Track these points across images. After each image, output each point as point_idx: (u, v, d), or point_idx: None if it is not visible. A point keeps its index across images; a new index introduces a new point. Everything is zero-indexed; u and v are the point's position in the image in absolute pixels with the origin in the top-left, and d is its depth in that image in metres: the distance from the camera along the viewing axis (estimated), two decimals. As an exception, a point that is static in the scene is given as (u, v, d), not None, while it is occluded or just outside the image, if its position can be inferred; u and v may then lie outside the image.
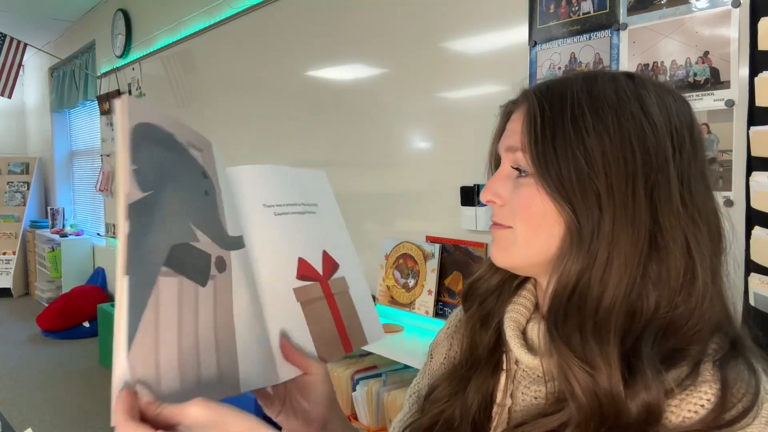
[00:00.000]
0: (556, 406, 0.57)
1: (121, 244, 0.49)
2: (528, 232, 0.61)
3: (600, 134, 0.56)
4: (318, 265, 0.75)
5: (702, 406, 0.52)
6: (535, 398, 0.63)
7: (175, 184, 0.56)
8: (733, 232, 0.62)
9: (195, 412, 0.48)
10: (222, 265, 0.59)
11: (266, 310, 0.66)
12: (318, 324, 0.72)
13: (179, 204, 0.55)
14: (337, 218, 0.82)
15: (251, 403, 2.55)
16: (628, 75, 0.61)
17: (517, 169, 0.62)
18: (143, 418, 0.48)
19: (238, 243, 0.64)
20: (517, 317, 0.66)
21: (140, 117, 0.54)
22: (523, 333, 0.66)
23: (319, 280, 0.74)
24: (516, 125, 0.62)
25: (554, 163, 0.57)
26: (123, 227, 0.50)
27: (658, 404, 0.52)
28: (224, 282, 0.59)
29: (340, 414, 0.72)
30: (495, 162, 0.69)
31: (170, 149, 0.56)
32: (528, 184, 0.60)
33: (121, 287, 0.48)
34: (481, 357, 0.68)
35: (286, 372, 0.66)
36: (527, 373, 0.65)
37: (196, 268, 0.55)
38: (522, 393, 0.65)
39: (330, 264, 0.76)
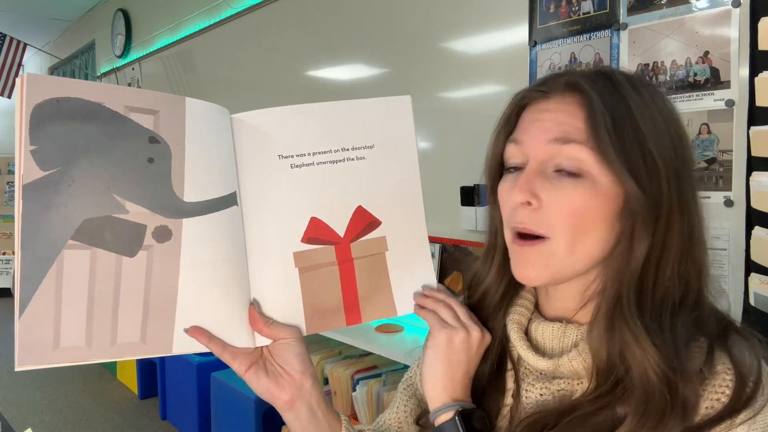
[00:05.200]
0: (599, 401, 0.57)
1: (17, 222, 0.53)
2: (572, 240, 0.57)
3: (650, 126, 0.57)
4: (341, 225, 0.68)
5: (723, 393, 0.53)
6: (541, 395, 0.63)
7: (98, 157, 0.56)
8: (732, 233, 0.64)
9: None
10: (164, 234, 0.59)
11: (253, 275, 0.65)
12: (316, 293, 0.68)
13: (100, 176, 0.56)
14: (403, 159, 0.72)
15: (252, 403, 2.55)
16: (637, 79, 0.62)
17: (560, 169, 0.57)
18: None
19: (205, 207, 0.61)
20: (519, 319, 0.66)
21: (48, 93, 0.54)
22: (525, 333, 0.66)
23: (336, 242, 0.68)
24: (564, 117, 0.58)
25: (624, 152, 0.55)
26: (18, 207, 0.53)
27: (695, 395, 0.53)
28: (167, 250, 0.59)
29: (317, 385, 0.69)
30: (498, 159, 0.65)
31: (96, 120, 0.56)
32: (583, 185, 0.56)
33: (16, 261, 0.53)
34: (491, 363, 0.68)
35: (263, 338, 0.66)
36: (529, 371, 0.66)
37: (119, 239, 0.57)
38: (526, 391, 0.65)
39: (362, 222, 0.69)
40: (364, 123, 0.70)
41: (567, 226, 0.56)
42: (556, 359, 0.61)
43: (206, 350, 0.62)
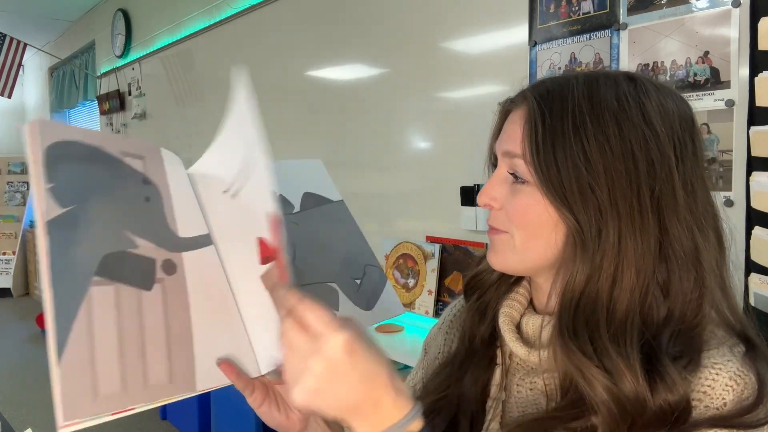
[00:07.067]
0: (573, 410, 0.57)
1: (42, 259, 0.52)
2: (525, 238, 0.61)
3: (602, 144, 0.56)
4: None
5: (710, 386, 0.53)
6: (530, 390, 0.64)
7: (105, 195, 0.58)
8: (733, 233, 0.62)
9: (354, 322, 0.52)
10: (171, 267, 0.60)
11: (240, 304, 0.66)
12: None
13: (110, 213, 0.58)
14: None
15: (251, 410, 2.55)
16: (629, 77, 0.60)
17: (513, 174, 0.61)
18: None
19: (196, 242, 0.63)
20: (510, 312, 0.67)
21: (56, 136, 0.56)
22: (517, 327, 0.67)
23: (277, 256, 0.70)
24: (514, 129, 0.62)
25: (556, 173, 0.57)
26: (43, 244, 0.52)
27: (686, 401, 0.52)
28: (176, 283, 0.60)
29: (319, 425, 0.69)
30: (493, 160, 0.69)
31: (98, 161, 0.58)
32: (525, 191, 0.60)
33: (47, 300, 0.51)
34: (477, 349, 0.69)
35: (268, 364, 0.65)
36: (521, 365, 0.67)
37: (136, 273, 0.57)
38: (516, 385, 0.66)
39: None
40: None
41: (519, 225, 0.61)
42: (542, 351, 0.61)
43: (226, 384, 0.61)
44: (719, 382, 0.53)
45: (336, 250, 0.76)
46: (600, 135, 0.56)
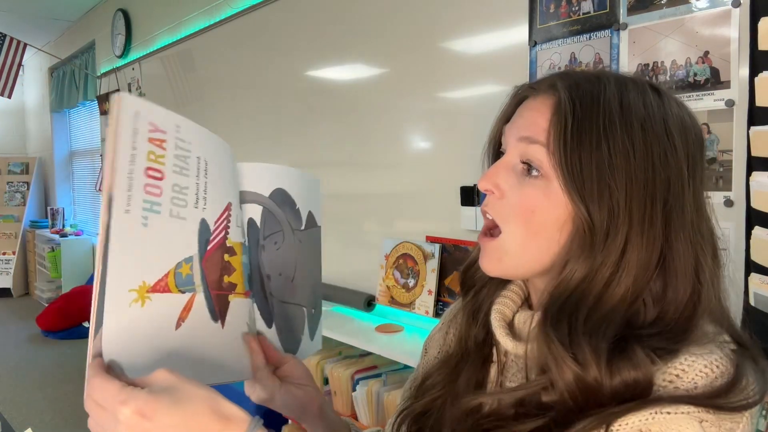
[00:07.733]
0: (532, 388, 0.58)
1: (101, 234, 0.53)
2: (523, 237, 0.60)
3: (627, 149, 0.56)
4: None
5: (683, 370, 0.53)
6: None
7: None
8: (728, 247, 0.62)
9: (159, 375, 0.52)
10: None
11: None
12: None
13: None
14: None
15: (252, 404, 2.54)
16: (654, 87, 0.61)
17: (526, 164, 0.60)
18: None
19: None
20: (503, 309, 0.67)
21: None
22: (510, 324, 0.67)
23: None
24: (536, 116, 0.60)
25: (578, 167, 0.56)
26: (103, 219, 0.53)
27: (648, 381, 0.52)
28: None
29: (329, 402, 0.74)
30: (495, 144, 0.67)
31: None
32: (536, 185, 0.59)
33: (97, 276, 0.52)
34: (471, 349, 0.69)
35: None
36: (515, 363, 0.67)
37: None
38: (509, 382, 0.66)
39: None
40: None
41: (519, 219, 0.59)
42: (529, 344, 0.61)
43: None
44: (694, 367, 0.53)
45: (312, 277, 0.78)
46: (627, 140, 0.56)
